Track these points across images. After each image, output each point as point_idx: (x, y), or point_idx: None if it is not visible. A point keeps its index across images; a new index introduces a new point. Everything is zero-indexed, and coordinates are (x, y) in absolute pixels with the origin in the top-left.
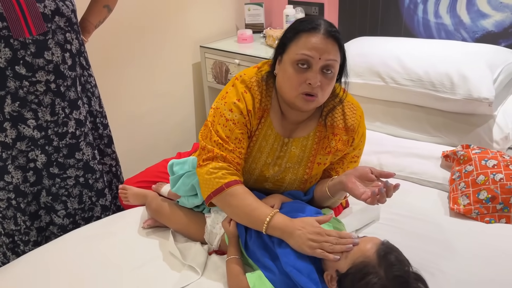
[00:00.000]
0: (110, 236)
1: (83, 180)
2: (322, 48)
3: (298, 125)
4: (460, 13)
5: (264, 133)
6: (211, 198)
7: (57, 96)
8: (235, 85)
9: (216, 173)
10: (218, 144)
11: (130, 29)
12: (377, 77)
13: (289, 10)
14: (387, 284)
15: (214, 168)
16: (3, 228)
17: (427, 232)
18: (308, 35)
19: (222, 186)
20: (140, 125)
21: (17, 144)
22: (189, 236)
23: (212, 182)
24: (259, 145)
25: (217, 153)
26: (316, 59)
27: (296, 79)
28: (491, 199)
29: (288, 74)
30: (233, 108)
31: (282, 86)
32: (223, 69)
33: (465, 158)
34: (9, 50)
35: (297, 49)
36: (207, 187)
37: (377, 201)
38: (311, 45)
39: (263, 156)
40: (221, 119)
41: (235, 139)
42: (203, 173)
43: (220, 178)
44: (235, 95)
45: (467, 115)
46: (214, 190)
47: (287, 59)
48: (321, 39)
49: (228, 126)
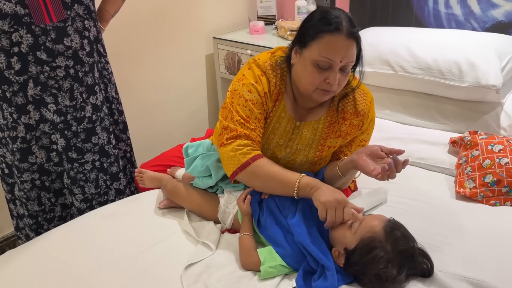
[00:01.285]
0: (127, 215)
1: (99, 164)
2: (344, 52)
3: (310, 110)
4: (471, 3)
5: (278, 115)
6: (237, 174)
7: (76, 81)
8: (252, 68)
9: (241, 150)
10: (241, 123)
11: (145, 20)
12: (387, 66)
13: (301, 1)
14: (393, 258)
15: (239, 145)
16: (27, 210)
17: (433, 214)
18: (331, 37)
19: (248, 160)
20: (154, 113)
21: (40, 125)
22: (203, 216)
23: (237, 158)
24: (272, 126)
25: (241, 132)
26: (337, 62)
27: (316, 77)
28: (496, 183)
29: (308, 71)
30: (251, 89)
31: (300, 79)
32: (236, 59)
33: (472, 143)
34: (30, 36)
35: (319, 50)
36: (232, 164)
37: (387, 177)
38: (334, 48)
39: (276, 138)
40: (241, 100)
41: (255, 119)
42: (227, 151)
43: (246, 154)
44: (253, 77)
45: (475, 103)
46: (240, 166)
47: (308, 56)
48: (344, 42)
49: (247, 106)
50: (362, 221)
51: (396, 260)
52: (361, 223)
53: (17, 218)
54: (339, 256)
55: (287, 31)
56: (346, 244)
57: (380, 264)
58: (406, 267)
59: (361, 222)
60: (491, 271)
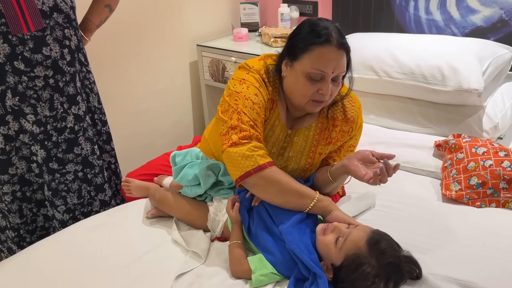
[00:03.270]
0: (114, 226)
1: (82, 175)
2: (335, 63)
3: (301, 118)
4: (450, 9)
5: (272, 123)
6: (250, 175)
7: (56, 91)
8: (251, 72)
9: (258, 151)
10: (250, 125)
11: (127, 28)
12: (371, 71)
13: (284, 8)
14: (380, 271)
15: (255, 147)
16: (9, 222)
17: (420, 216)
18: (321, 49)
19: (265, 164)
20: (138, 122)
21: (20, 136)
22: (192, 224)
23: (255, 159)
24: (266, 134)
25: (253, 133)
26: (329, 73)
27: (308, 89)
28: (481, 185)
29: (300, 83)
30: (257, 92)
31: (292, 92)
32: (220, 67)
33: (456, 146)
34: (7, 46)
35: (311, 63)
36: (247, 164)
37: (379, 181)
38: (325, 60)
39: (269, 146)
40: (247, 102)
41: (260, 122)
42: (243, 150)
43: (262, 157)
44: (257, 82)
45: (457, 106)
46: (256, 167)
47: (299, 69)
48: (334, 53)
49: (255, 110)
50: (347, 235)
51: (383, 273)
52: (346, 238)
53: None
54: (327, 270)
55: (271, 38)
56: (332, 260)
57: (368, 280)
58: (393, 278)
59: (346, 238)
60: (479, 271)
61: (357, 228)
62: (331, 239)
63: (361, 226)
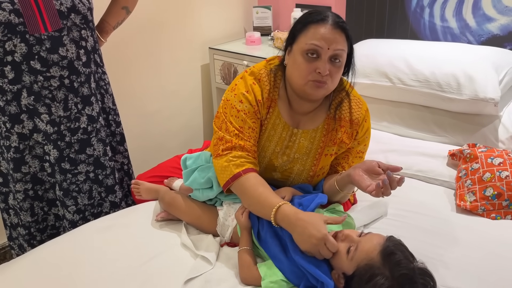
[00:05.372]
0: (123, 228)
1: (93, 176)
2: (331, 38)
3: (306, 116)
4: (466, 17)
5: (273, 122)
6: (229, 184)
7: (70, 92)
8: (244, 77)
9: (235, 161)
10: (235, 134)
11: (141, 30)
12: (385, 78)
13: (297, 13)
14: (394, 283)
15: (234, 157)
16: (20, 220)
17: (433, 227)
18: (317, 26)
19: (239, 172)
20: (149, 123)
21: (34, 135)
22: (202, 228)
23: (230, 169)
24: (267, 134)
25: (236, 143)
26: (325, 49)
27: (305, 67)
28: (497, 196)
29: (297, 63)
30: (242, 99)
31: (291, 75)
32: (232, 70)
33: (472, 156)
34: (24, 45)
35: (306, 39)
36: (225, 174)
37: (381, 194)
38: (320, 35)
39: (272, 145)
40: (233, 110)
41: (248, 128)
42: (222, 162)
43: (238, 166)
44: (244, 87)
45: (472, 115)
46: (232, 176)
47: (296, 49)
48: (330, 30)
49: (240, 117)
50: (358, 244)
51: (396, 285)
52: (357, 248)
53: (10, 228)
54: (339, 278)
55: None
56: (344, 270)
57: None
58: None
59: (357, 247)
60: (493, 285)
61: (368, 237)
62: (342, 248)
63: (373, 235)
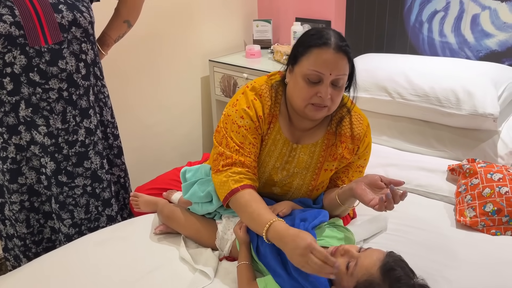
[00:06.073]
0: (121, 241)
1: (90, 189)
2: (333, 64)
3: (306, 132)
4: (465, 32)
5: (273, 137)
6: (227, 199)
7: (69, 104)
8: (245, 92)
9: (234, 177)
10: (235, 150)
11: (142, 42)
12: (384, 92)
13: (297, 27)
14: None
15: (233, 173)
16: (16, 231)
17: (433, 242)
18: (319, 50)
19: (237, 187)
20: (148, 135)
21: (31, 147)
22: (200, 242)
23: (228, 184)
24: (268, 149)
25: (236, 159)
26: (327, 75)
27: (306, 91)
28: (497, 212)
29: (299, 86)
30: (243, 115)
31: (292, 96)
32: (231, 82)
33: (471, 171)
34: (24, 57)
35: (309, 64)
36: (224, 189)
37: (384, 208)
38: (322, 61)
39: (272, 160)
40: (234, 126)
41: (249, 144)
42: (221, 177)
43: (237, 181)
44: (245, 103)
45: (471, 130)
46: (230, 191)
47: (298, 72)
48: (332, 54)
49: (241, 133)
50: (357, 259)
51: None
52: (357, 263)
53: (6, 239)
54: None
55: (283, 56)
56: (343, 285)
57: None
58: None
59: (356, 262)
60: None
61: (368, 253)
62: (342, 264)
63: (373, 250)
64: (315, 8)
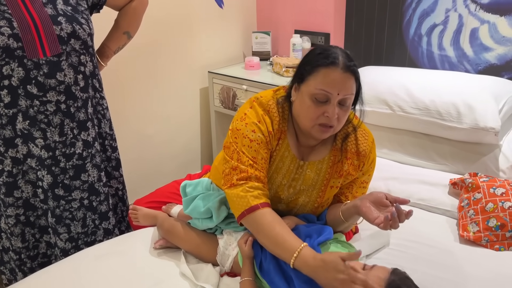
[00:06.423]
0: (121, 256)
1: (87, 203)
2: (341, 84)
3: (312, 149)
4: (464, 46)
5: (282, 154)
6: (244, 216)
7: (67, 117)
8: (254, 107)
9: (252, 192)
10: (249, 164)
11: (141, 53)
12: (385, 105)
13: (296, 39)
14: None
15: (251, 188)
16: (11, 245)
17: (437, 258)
18: (327, 70)
19: (257, 205)
20: (146, 146)
21: (28, 160)
22: (201, 257)
23: (247, 199)
24: (276, 166)
25: (251, 173)
26: (335, 95)
27: (313, 111)
28: (500, 227)
29: (305, 105)
30: (255, 129)
31: (299, 116)
32: (231, 94)
33: (474, 185)
34: (22, 70)
35: (316, 83)
36: (242, 204)
37: (389, 226)
38: (330, 81)
39: (279, 177)
40: (245, 140)
41: (261, 159)
42: (238, 191)
43: (256, 197)
44: (256, 117)
45: (472, 144)
46: (249, 208)
47: (305, 91)
48: (340, 74)
49: (253, 147)
50: None
51: None
52: None
53: (1, 252)
54: None
55: (283, 68)
56: None
57: None
58: None
59: None
60: None
61: (374, 270)
62: None
63: (378, 267)
64: (314, 21)
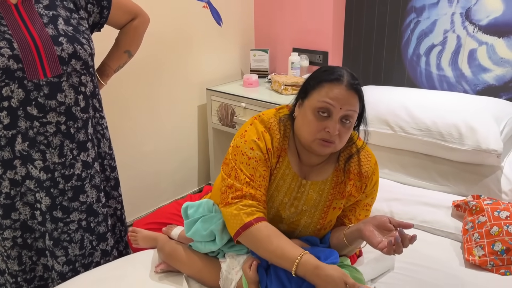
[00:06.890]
0: (119, 280)
1: (85, 224)
2: (344, 99)
3: (314, 167)
4: (462, 67)
5: (282, 172)
6: (239, 234)
7: (66, 138)
8: (254, 124)
9: (246, 210)
10: (246, 182)
11: (139, 70)
12: (386, 126)
13: (294, 57)
14: None
15: (244, 205)
16: (7, 267)
17: (443, 282)
18: (331, 85)
19: (251, 221)
20: (143, 163)
21: (26, 181)
22: (203, 282)
23: (240, 217)
24: (276, 184)
25: (246, 192)
26: (337, 108)
27: (315, 125)
28: (506, 251)
29: (307, 119)
30: (253, 146)
31: (300, 130)
32: (229, 111)
33: (477, 208)
34: (22, 91)
35: (319, 97)
36: (236, 223)
37: (393, 251)
38: (333, 94)
39: (280, 195)
40: (243, 157)
41: (259, 177)
42: (231, 210)
43: (249, 214)
44: (255, 134)
45: (474, 165)
46: (243, 225)
47: (308, 105)
48: (344, 90)
49: (251, 164)
50: None
51: None
52: None
53: None
54: None
55: (281, 85)
56: None
57: None
58: None
59: None
60: None
61: None
62: None
63: None
64: (312, 39)
